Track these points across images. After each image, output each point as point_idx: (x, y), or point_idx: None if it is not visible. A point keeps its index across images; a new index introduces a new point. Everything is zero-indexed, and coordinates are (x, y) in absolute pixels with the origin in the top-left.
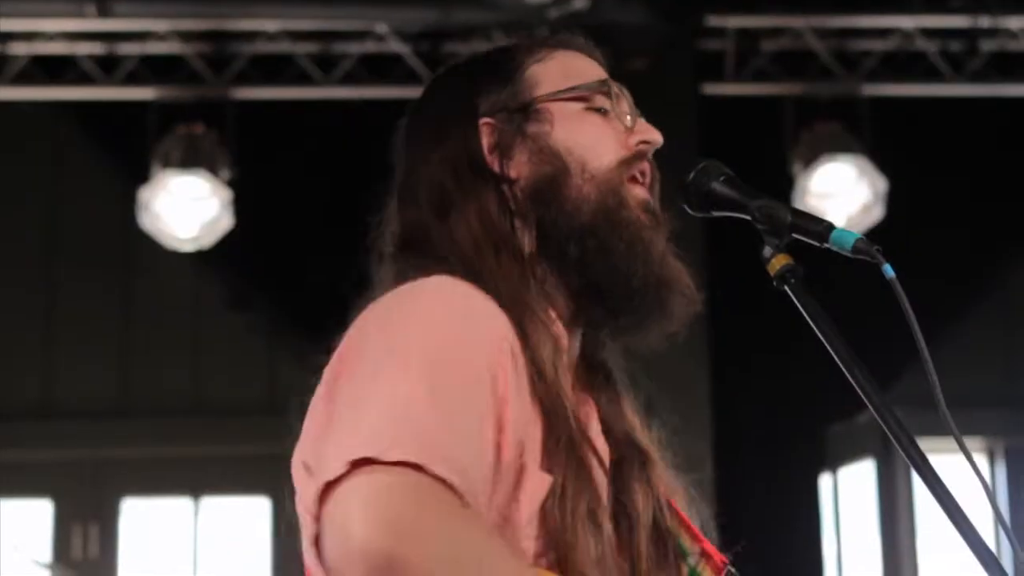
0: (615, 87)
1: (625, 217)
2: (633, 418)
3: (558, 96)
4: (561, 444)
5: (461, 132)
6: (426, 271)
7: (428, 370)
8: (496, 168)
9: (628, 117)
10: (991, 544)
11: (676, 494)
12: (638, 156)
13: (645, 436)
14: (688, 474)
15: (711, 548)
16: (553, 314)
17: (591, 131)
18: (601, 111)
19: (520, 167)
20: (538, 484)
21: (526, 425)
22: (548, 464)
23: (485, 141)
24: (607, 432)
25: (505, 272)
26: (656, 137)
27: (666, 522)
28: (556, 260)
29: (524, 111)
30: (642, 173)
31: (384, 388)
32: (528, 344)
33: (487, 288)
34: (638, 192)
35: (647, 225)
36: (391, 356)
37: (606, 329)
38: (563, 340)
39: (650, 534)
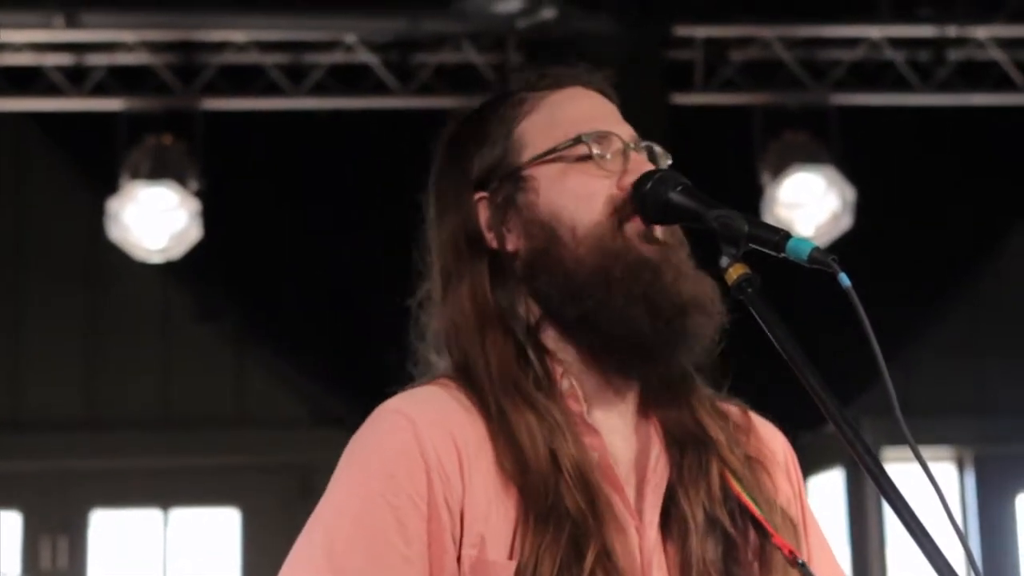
0: (599, 130)
1: (622, 269)
2: (699, 411)
3: (540, 160)
4: (531, 521)
5: (458, 209)
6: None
7: (329, 535)
8: (494, 244)
9: (619, 157)
10: (952, 555)
11: (760, 475)
12: (633, 197)
13: (715, 425)
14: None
15: (781, 541)
16: (560, 371)
17: (575, 188)
18: (590, 158)
19: (516, 240)
20: (502, 574)
21: (490, 518)
22: (520, 548)
23: (482, 217)
24: (670, 441)
25: (490, 353)
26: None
27: (727, 520)
28: (560, 324)
29: (512, 180)
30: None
31: (293, 557)
32: (506, 427)
33: (472, 378)
34: (634, 228)
35: (650, 259)
36: (314, 518)
37: (629, 372)
38: (571, 394)
39: (707, 535)
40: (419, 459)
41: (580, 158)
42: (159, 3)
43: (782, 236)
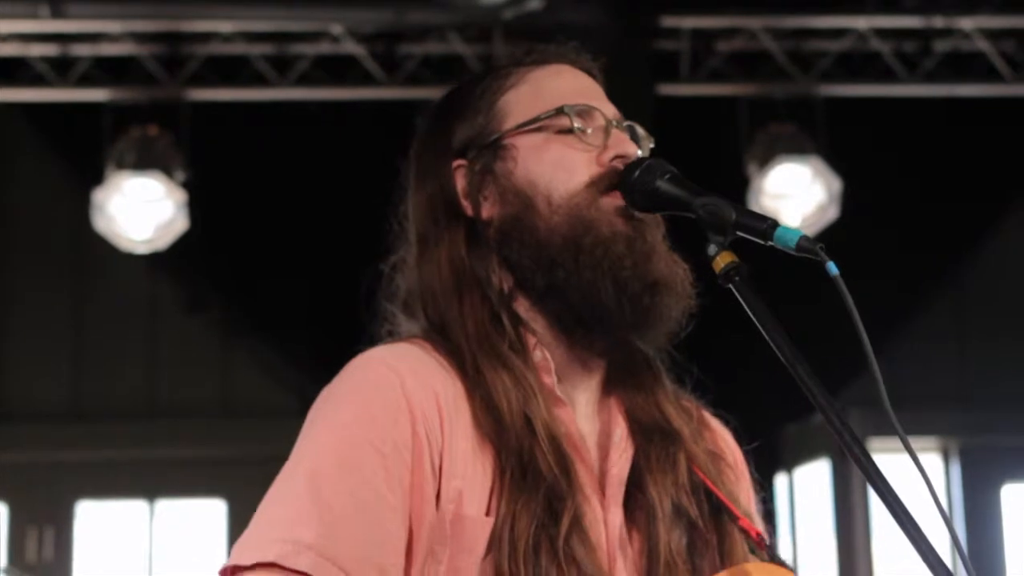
0: (582, 104)
1: (592, 240)
2: (664, 403)
3: (521, 129)
4: (508, 479)
5: (437, 175)
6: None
7: (314, 474)
8: (469, 211)
9: (601, 132)
10: (939, 544)
11: (722, 468)
12: (611, 173)
13: (679, 417)
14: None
15: (748, 524)
16: (533, 341)
17: (554, 159)
18: (571, 131)
19: (491, 208)
20: (478, 531)
21: (467, 474)
22: (497, 505)
23: (459, 184)
24: (634, 427)
25: (467, 316)
26: (629, 149)
27: (693, 508)
28: (530, 293)
29: (492, 148)
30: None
31: (274, 495)
32: (483, 387)
33: (449, 338)
34: (610, 202)
35: (622, 233)
36: (295, 458)
37: (597, 347)
38: (543, 364)
39: (673, 522)
40: (406, 410)
41: (561, 131)
42: None
43: (769, 224)
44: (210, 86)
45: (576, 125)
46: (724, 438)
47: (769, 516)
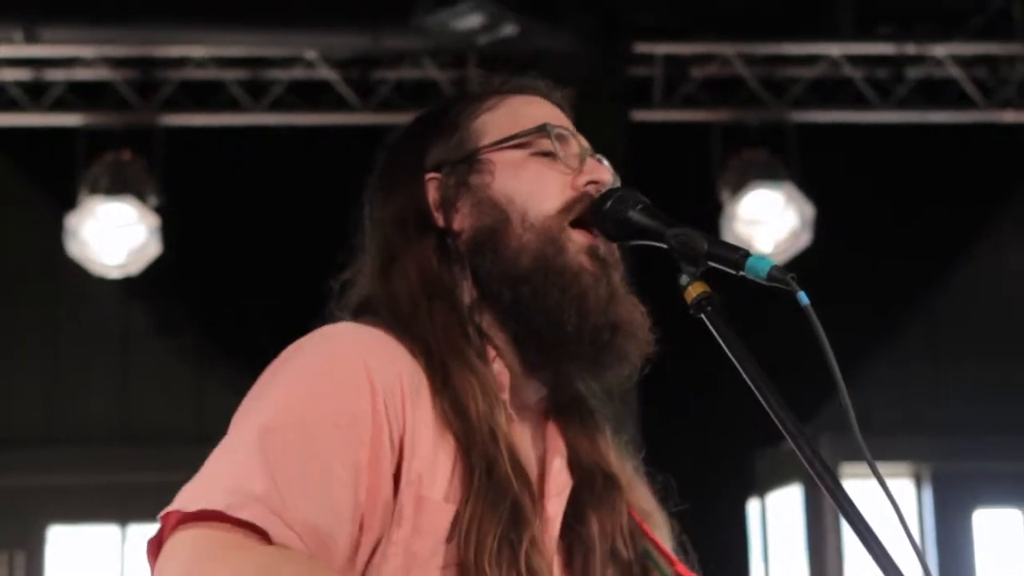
0: (561, 129)
1: (562, 264)
2: (607, 449)
3: (500, 145)
4: (477, 477)
5: (409, 188)
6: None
7: (268, 433)
8: (440, 222)
9: (576, 158)
10: (908, 570)
11: (649, 519)
12: (584, 197)
13: (618, 465)
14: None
15: (684, 570)
16: (493, 354)
17: (532, 177)
18: (547, 155)
19: (463, 219)
20: (439, 515)
21: (428, 457)
22: (462, 496)
23: (431, 196)
24: (574, 465)
25: (436, 320)
26: (605, 177)
27: (628, 553)
28: (495, 307)
29: (468, 163)
30: (587, 220)
31: (226, 445)
32: (450, 385)
33: (415, 336)
34: (581, 238)
35: (589, 271)
36: (249, 413)
37: (554, 376)
38: (501, 379)
39: (607, 561)
40: (367, 383)
41: (539, 152)
42: (119, 18)
43: (741, 255)
44: (184, 111)
45: (556, 148)
46: (650, 498)
47: (740, 551)
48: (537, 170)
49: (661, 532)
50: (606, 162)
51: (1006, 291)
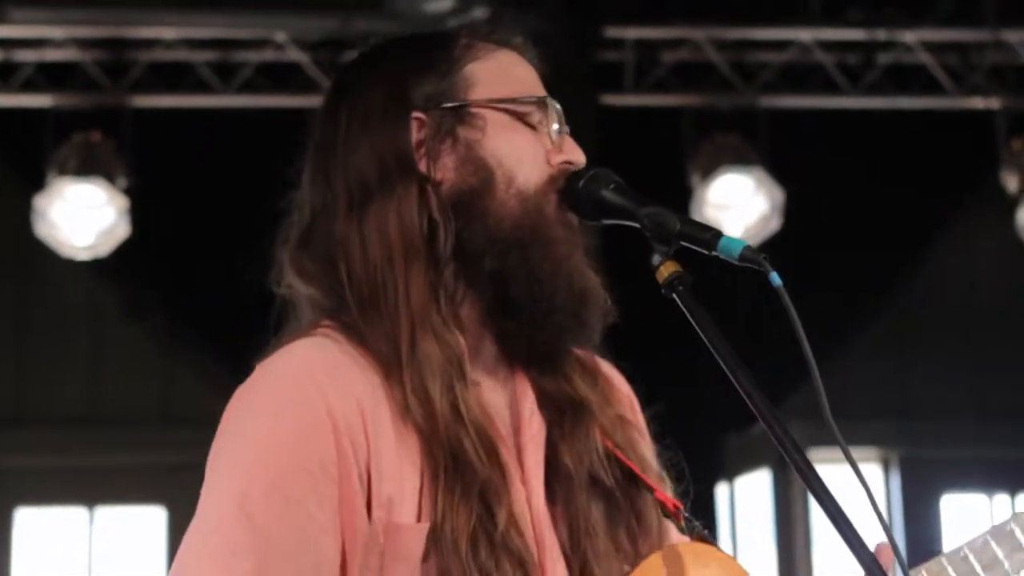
0: (549, 103)
1: (547, 234)
2: (571, 372)
3: (494, 104)
4: (442, 472)
5: (391, 123)
6: (303, 326)
7: (245, 499)
8: (423, 168)
9: (556, 135)
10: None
11: (630, 433)
12: (560, 176)
13: (585, 386)
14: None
15: (663, 495)
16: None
17: (522, 146)
18: (532, 126)
19: (447, 171)
20: (412, 539)
21: (395, 477)
22: (431, 506)
23: (414, 136)
24: (542, 402)
25: (413, 285)
26: (579, 158)
27: (610, 476)
28: (471, 271)
29: (457, 112)
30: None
31: (206, 520)
32: (415, 369)
33: (377, 324)
34: (558, 210)
35: (564, 241)
36: (223, 477)
37: (523, 343)
38: (461, 347)
39: (589, 490)
40: (328, 423)
41: (527, 122)
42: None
43: (713, 235)
44: (153, 93)
45: (548, 122)
46: (620, 386)
47: (708, 524)
48: (527, 139)
49: (643, 439)
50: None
51: (974, 277)
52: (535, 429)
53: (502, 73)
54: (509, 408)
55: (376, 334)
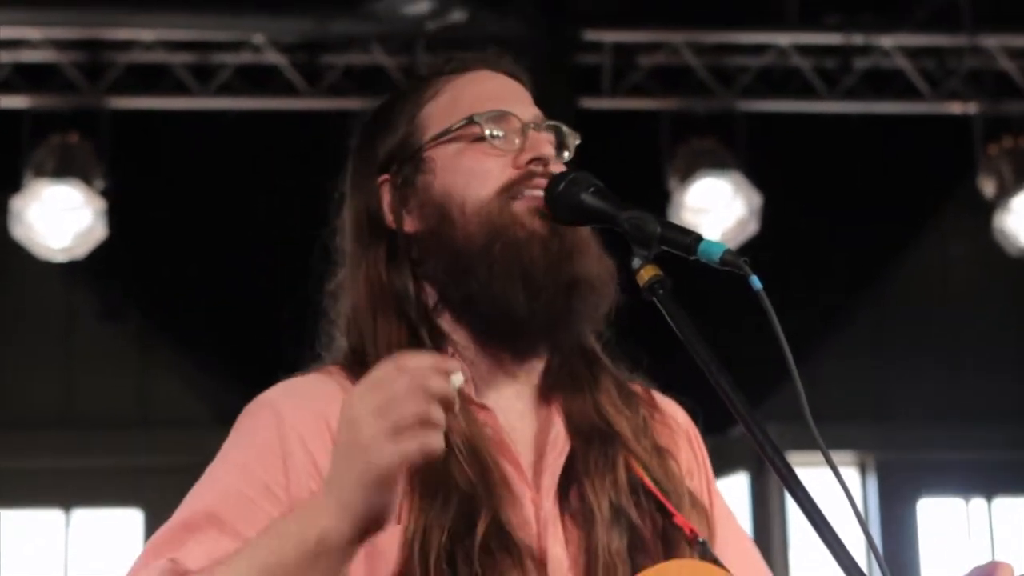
0: (493, 110)
1: (503, 246)
2: (605, 404)
3: (437, 140)
4: (418, 491)
5: (364, 191)
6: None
7: (214, 496)
8: (393, 224)
9: (517, 135)
10: (858, 557)
11: (667, 462)
12: (527, 176)
13: (620, 416)
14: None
15: (682, 520)
16: (451, 351)
17: (468, 168)
18: (489, 137)
19: (414, 222)
20: (388, 540)
21: None
22: (407, 514)
23: (385, 199)
24: (571, 430)
25: (382, 335)
26: (545, 151)
27: (632, 510)
28: (450, 305)
29: (413, 161)
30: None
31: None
32: None
33: (367, 353)
34: (525, 204)
35: (538, 235)
36: (183, 505)
37: (521, 356)
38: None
39: (612, 524)
40: (278, 451)
41: (476, 139)
42: (65, 0)
43: (693, 238)
44: (131, 94)
45: (489, 131)
46: (676, 419)
47: None
48: (473, 158)
49: (680, 466)
50: (564, 127)
51: (951, 282)
52: (558, 450)
53: (453, 102)
54: (536, 433)
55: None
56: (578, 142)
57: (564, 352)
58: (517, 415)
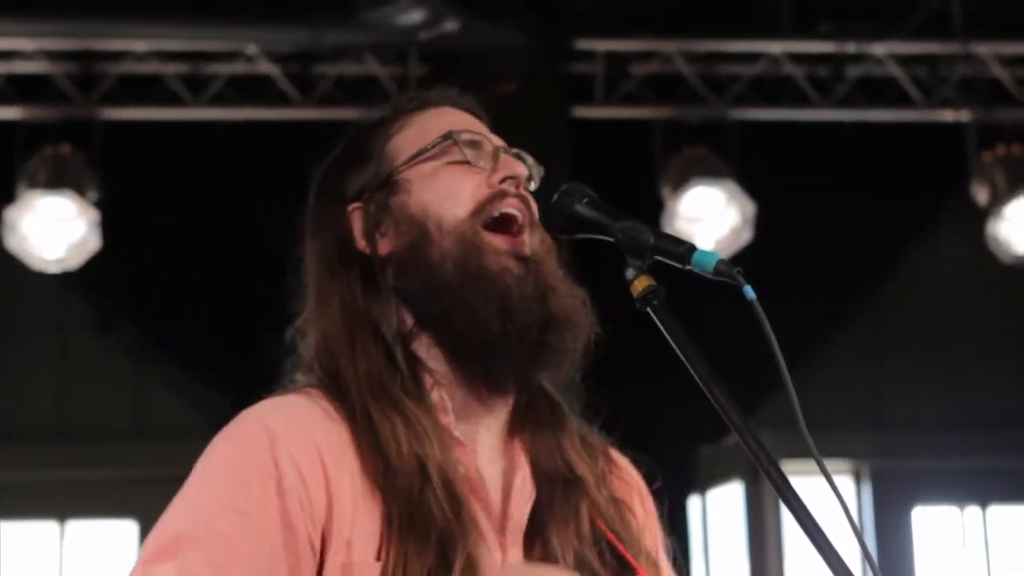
0: (466, 135)
1: (481, 265)
2: (569, 449)
3: (412, 161)
4: (396, 525)
5: (331, 223)
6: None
7: (181, 528)
8: (367, 250)
9: (490, 157)
10: (853, 566)
11: (624, 515)
12: (499, 195)
13: (583, 463)
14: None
15: (644, 574)
16: (430, 381)
17: (444, 185)
18: (461, 163)
19: (389, 243)
20: (368, 575)
21: (356, 522)
22: (386, 551)
23: (356, 226)
24: (536, 475)
25: (360, 360)
26: (519, 171)
27: (595, 559)
28: (427, 326)
29: (386, 186)
30: (507, 218)
31: (146, 550)
32: (371, 432)
33: (341, 387)
34: (498, 242)
35: (511, 271)
36: (164, 518)
37: (494, 382)
38: (440, 404)
39: (577, 569)
40: (272, 470)
41: (451, 161)
42: (58, 12)
43: (687, 248)
44: (123, 105)
45: (465, 153)
46: (631, 476)
47: (680, 547)
48: (449, 176)
49: (637, 521)
50: (529, 159)
51: (945, 289)
52: (524, 497)
53: (422, 131)
54: (503, 475)
55: (341, 401)
56: (543, 174)
57: (532, 390)
58: (487, 454)
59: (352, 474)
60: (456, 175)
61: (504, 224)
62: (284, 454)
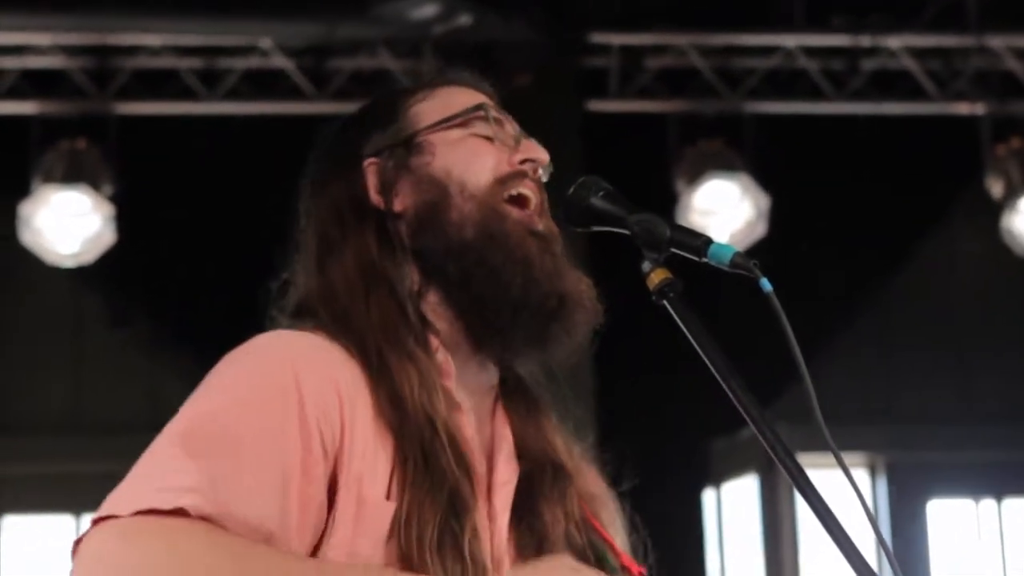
0: (495, 112)
1: (504, 231)
2: (554, 436)
3: (438, 126)
4: (411, 467)
5: (345, 176)
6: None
7: (191, 434)
8: (381, 206)
9: (512, 138)
10: (869, 558)
11: (595, 502)
12: (519, 174)
13: (566, 453)
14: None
15: (628, 561)
16: (436, 343)
17: (470, 152)
18: (485, 138)
19: (405, 200)
20: (379, 514)
21: (368, 457)
22: (399, 492)
23: (371, 181)
24: (521, 454)
25: (373, 311)
26: (540, 155)
27: (581, 539)
28: (441, 284)
29: (407, 145)
30: (523, 198)
31: (149, 452)
32: (386, 376)
33: (352, 332)
34: (518, 215)
35: (531, 245)
36: (172, 422)
37: (502, 348)
38: (445, 367)
39: (563, 548)
40: (295, 395)
41: (476, 134)
42: (73, 6)
43: (703, 241)
44: (138, 99)
45: (493, 127)
46: (597, 481)
47: (695, 541)
48: (475, 144)
49: (608, 516)
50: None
51: (960, 282)
52: (508, 475)
53: (446, 102)
54: (487, 445)
55: (351, 344)
56: (551, 169)
57: (519, 377)
58: (475, 424)
59: (364, 412)
60: (480, 147)
61: (520, 203)
62: (307, 381)
